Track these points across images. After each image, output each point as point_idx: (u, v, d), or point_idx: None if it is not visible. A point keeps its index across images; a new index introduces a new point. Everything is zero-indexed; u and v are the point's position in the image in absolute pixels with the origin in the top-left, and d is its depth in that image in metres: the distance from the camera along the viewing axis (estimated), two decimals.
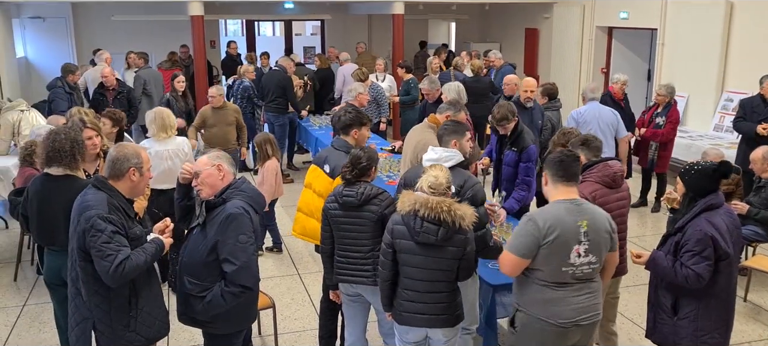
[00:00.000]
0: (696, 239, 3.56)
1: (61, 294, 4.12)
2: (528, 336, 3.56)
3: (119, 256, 3.24)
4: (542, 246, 3.39)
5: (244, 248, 3.38)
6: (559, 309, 3.46)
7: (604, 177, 4.16)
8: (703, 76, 9.93)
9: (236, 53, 13.98)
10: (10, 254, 6.89)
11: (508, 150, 5.71)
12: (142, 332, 3.50)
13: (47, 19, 13.33)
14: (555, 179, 3.52)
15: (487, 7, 15.10)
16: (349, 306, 4.33)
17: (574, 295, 3.47)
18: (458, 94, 7.06)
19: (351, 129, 4.72)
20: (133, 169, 3.46)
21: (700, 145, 8.89)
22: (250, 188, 3.59)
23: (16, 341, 5.27)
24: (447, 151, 4.18)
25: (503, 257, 3.55)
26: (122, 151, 3.51)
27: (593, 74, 12.29)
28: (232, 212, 3.39)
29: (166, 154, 5.76)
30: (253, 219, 3.49)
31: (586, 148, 4.35)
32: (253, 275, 3.45)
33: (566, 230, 3.39)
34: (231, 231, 3.36)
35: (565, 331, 3.48)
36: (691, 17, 10.11)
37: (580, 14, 12.46)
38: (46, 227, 4.13)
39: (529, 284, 3.52)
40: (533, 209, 3.84)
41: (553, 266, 3.42)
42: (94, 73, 10.31)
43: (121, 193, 3.46)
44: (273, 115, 9.76)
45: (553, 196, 3.53)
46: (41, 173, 4.26)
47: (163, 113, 5.86)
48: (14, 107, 7.81)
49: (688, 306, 3.71)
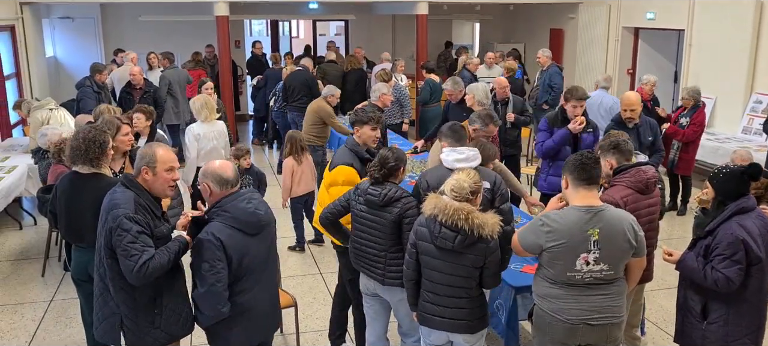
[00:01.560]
0: (727, 243, 3.50)
1: (87, 290, 4.17)
2: (541, 330, 3.61)
3: (143, 256, 3.28)
4: (545, 250, 3.42)
5: (204, 276, 3.33)
6: (566, 306, 3.46)
7: (637, 183, 4.08)
8: (731, 78, 9.77)
9: (261, 53, 14.08)
10: (38, 250, 7.01)
11: (585, 133, 6.05)
12: (167, 329, 3.54)
13: (76, 19, 13.53)
14: (575, 182, 3.47)
15: (511, 8, 15.01)
16: (370, 306, 4.34)
17: (584, 294, 3.45)
18: (485, 96, 7.02)
19: (354, 126, 4.84)
20: (146, 167, 3.49)
21: (728, 147, 8.74)
22: (236, 208, 3.42)
23: (43, 336, 5.36)
24: (472, 150, 4.18)
25: (514, 238, 3.64)
26: (143, 149, 3.58)
27: (619, 75, 12.15)
28: (200, 236, 3.38)
29: (212, 135, 6.79)
30: (232, 244, 3.35)
31: (618, 152, 4.26)
32: (212, 306, 3.37)
33: (571, 238, 3.37)
34: (198, 256, 3.37)
35: (574, 328, 3.46)
36: (719, 17, 9.95)
37: (605, 14, 12.33)
38: (73, 223, 4.18)
39: (541, 279, 3.56)
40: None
41: (558, 270, 3.45)
42: (121, 72, 10.47)
43: (149, 192, 3.51)
44: (297, 115, 9.79)
45: (572, 200, 3.50)
46: (70, 170, 4.32)
47: (208, 100, 6.93)
48: (43, 106, 7.96)
49: (717, 311, 3.65)
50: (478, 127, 5.30)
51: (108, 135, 4.33)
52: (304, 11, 15.02)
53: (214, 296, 3.35)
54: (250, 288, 3.51)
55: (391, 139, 7.82)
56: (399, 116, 9.40)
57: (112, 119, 5.08)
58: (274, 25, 17.79)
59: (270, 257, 3.67)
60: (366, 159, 4.57)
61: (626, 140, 4.45)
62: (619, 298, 3.53)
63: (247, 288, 3.49)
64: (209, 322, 3.48)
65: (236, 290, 3.45)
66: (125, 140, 5.00)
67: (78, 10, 13.35)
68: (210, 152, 6.68)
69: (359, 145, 4.71)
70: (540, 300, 3.58)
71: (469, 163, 4.10)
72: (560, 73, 10.32)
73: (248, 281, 3.49)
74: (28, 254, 7.03)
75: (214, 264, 3.31)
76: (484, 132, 5.31)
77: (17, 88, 10.46)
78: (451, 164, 4.12)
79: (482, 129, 5.30)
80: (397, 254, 4.01)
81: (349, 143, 4.73)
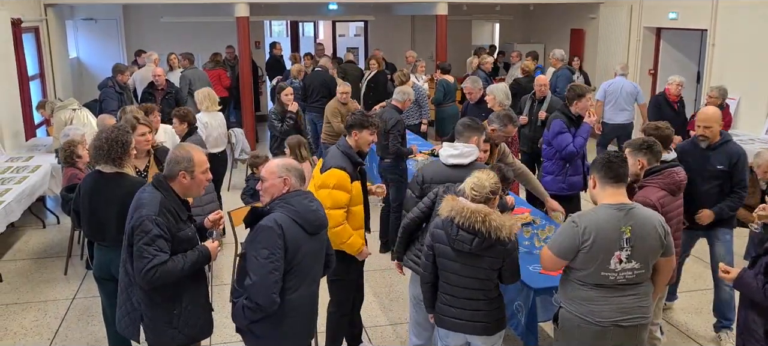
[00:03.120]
0: None
1: (109, 288, 4.22)
2: (568, 333, 3.53)
3: (154, 260, 3.29)
4: (581, 250, 3.36)
5: (262, 263, 3.23)
6: (597, 308, 3.41)
7: (670, 184, 4.03)
8: (755, 78, 9.62)
9: (280, 54, 14.15)
10: (61, 248, 7.10)
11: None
12: (184, 331, 3.56)
13: (99, 20, 13.69)
14: (603, 181, 3.45)
15: (531, 8, 14.92)
16: (416, 310, 4.36)
17: (615, 295, 3.41)
18: (506, 96, 7.00)
19: (352, 130, 4.58)
20: (184, 172, 3.50)
21: (752, 149, 8.61)
22: (300, 203, 3.40)
23: (65, 333, 5.44)
24: (467, 147, 4.19)
25: (544, 252, 3.55)
26: (178, 152, 3.55)
27: (641, 76, 12.04)
28: (262, 223, 3.29)
29: (216, 123, 7.69)
30: (291, 235, 3.30)
31: (650, 153, 4.21)
32: (266, 295, 3.25)
33: (606, 236, 3.33)
34: (256, 243, 3.28)
35: (604, 330, 3.42)
36: (743, 17, 9.80)
37: (627, 14, 12.21)
38: (96, 222, 4.22)
39: (570, 282, 3.50)
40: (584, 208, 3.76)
41: (592, 270, 3.38)
42: (143, 73, 10.58)
43: (177, 193, 3.52)
44: (316, 115, 9.82)
45: (601, 199, 3.46)
46: (89, 171, 4.37)
47: (210, 92, 7.93)
48: (66, 106, 8.07)
49: None
50: (496, 128, 5.27)
51: (130, 135, 4.37)
52: (323, 12, 15.07)
53: (271, 285, 3.24)
54: (296, 287, 3.41)
55: (410, 140, 7.82)
56: (417, 117, 9.39)
57: (130, 119, 5.13)
58: (294, 26, 17.86)
59: (319, 261, 3.61)
60: (358, 163, 4.48)
61: (656, 141, 4.33)
62: (647, 298, 3.50)
63: (293, 286, 3.40)
64: (258, 315, 3.31)
65: (284, 287, 3.35)
66: (142, 140, 5.05)
67: (101, 11, 13.51)
68: (217, 139, 7.60)
69: (352, 149, 4.52)
70: (568, 303, 3.52)
71: (461, 159, 4.18)
72: (570, 77, 10.23)
73: (296, 279, 3.40)
74: (51, 253, 7.13)
75: (274, 251, 3.23)
76: (502, 132, 5.29)
77: (41, 89, 10.60)
78: (445, 159, 4.22)
79: (501, 129, 5.28)
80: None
81: (342, 146, 4.54)
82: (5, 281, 6.40)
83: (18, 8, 9.42)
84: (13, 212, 6.70)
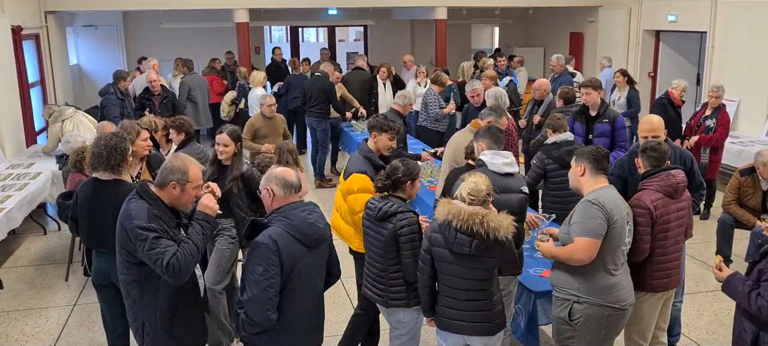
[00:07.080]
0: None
1: (108, 295, 4.22)
2: (593, 325, 3.70)
3: (166, 256, 3.23)
4: (610, 226, 3.58)
5: (257, 280, 3.20)
6: (621, 293, 3.69)
7: (666, 187, 4.04)
8: (755, 80, 9.64)
9: (281, 59, 14.15)
10: (62, 255, 7.11)
11: (600, 123, 6.48)
12: (182, 339, 3.52)
13: (99, 27, 13.73)
14: (594, 170, 3.76)
15: (531, 11, 14.96)
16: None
17: (626, 276, 3.75)
18: (502, 99, 7.07)
19: (372, 132, 4.64)
20: (175, 183, 3.42)
21: (752, 150, 8.62)
22: (297, 216, 3.33)
23: (66, 339, 5.43)
24: (511, 155, 4.26)
25: (577, 245, 3.63)
26: (174, 162, 3.47)
27: (640, 78, 12.05)
28: (258, 240, 3.26)
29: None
30: (287, 250, 3.25)
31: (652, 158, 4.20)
32: (261, 312, 3.22)
33: (621, 212, 3.66)
34: (252, 259, 3.26)
35: (625, 312, 3.75)
36: (742, 19, 9.83)
37: (626, 17, 12.23)
38: (95, 230, 4.21)
39: (592, 273, 3.65)
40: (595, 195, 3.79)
41: (613, 247, 3.64)
42: (142, 79, 10.60)
43: (164, 202, 3.43)
44: (315, 120, 9.82)
45: (592, 185, 3.75)
46: (90, 177, 4.37)
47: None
48: (58, 118, 8.21)
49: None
50: (491, 120, 5.47)
51: (128, 142, 4.35)
52: (323, 17, 15.10)
53: (266, 302, 3.22)
54: (295, 302, 3.35)
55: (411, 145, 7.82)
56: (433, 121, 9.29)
57: (133, 124, 5.13)
58: (294, 31, 17.89)
59: (320, 275, 3.55)
60: (379, 166, 4.47)
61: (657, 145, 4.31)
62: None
63: (292, 301, 3.34)
64: (255, 330, 3.30)
65: (283, 303, 3.30)
66: (144, 145, 5.08)
67: (101, 18, 13.55)
68: None
69: (373, 152, 4.59)
70: (593, 296, 3.67)
71: (513, 167, 4.21)
72: (571, 81, 10.21)
73: (294, 294, 3.34)
74: (52, 259, 7.14)
75: (269, 268, 3.20)
76: (497, 124, 5.40)
77: (41, 96, 10.63)
78: (499, 169, 4.14)
79: (496, 121, 5.47)
80: (398, 274, 3.92)
81: (363, 150, 4.61)
82: (6, 288, 6.40)
83: (18, 15, 9.45)
84: (15, 219, 6.71)
